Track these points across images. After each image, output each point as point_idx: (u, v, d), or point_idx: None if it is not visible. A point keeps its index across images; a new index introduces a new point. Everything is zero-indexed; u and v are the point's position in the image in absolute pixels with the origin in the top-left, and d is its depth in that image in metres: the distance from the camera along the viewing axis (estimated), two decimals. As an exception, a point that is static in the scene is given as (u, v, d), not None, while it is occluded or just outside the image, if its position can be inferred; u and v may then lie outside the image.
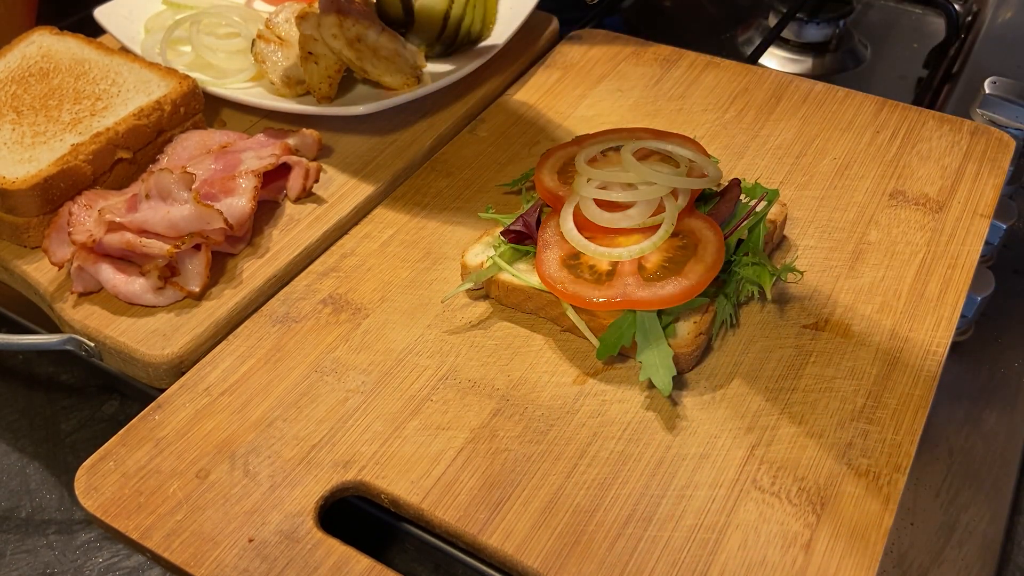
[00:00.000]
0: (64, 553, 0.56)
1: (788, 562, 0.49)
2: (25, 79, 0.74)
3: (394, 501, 0.53)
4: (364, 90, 0.79)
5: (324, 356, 0.61)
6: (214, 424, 0.57)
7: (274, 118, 0.79)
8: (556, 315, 0.62)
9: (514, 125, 0.80)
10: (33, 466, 0.61)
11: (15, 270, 0.67)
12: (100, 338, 0.61)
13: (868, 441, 0.55)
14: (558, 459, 0.54)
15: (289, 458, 0.55)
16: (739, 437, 0.55)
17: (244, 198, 0.65)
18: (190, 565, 0.49)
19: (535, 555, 0.50)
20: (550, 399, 0.58)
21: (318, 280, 0.66)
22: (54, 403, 0.65)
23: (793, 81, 0.83)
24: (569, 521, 0.51)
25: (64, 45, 0.77)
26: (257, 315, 0.64)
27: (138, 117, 0.71)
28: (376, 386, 0.59)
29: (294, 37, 0.79)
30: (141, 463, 0.54)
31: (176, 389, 0.59)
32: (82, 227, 0.64)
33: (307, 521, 0.51)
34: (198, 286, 0.63)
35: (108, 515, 0.52)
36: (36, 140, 0.68)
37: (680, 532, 0.51)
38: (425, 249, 0.68)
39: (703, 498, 0.52)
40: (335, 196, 0.72)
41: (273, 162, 0.69)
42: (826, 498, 0.52)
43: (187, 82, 0.74)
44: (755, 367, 0.59)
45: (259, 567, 0.49)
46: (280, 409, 0.57)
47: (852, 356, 0.60)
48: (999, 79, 0.83)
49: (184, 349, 0.60)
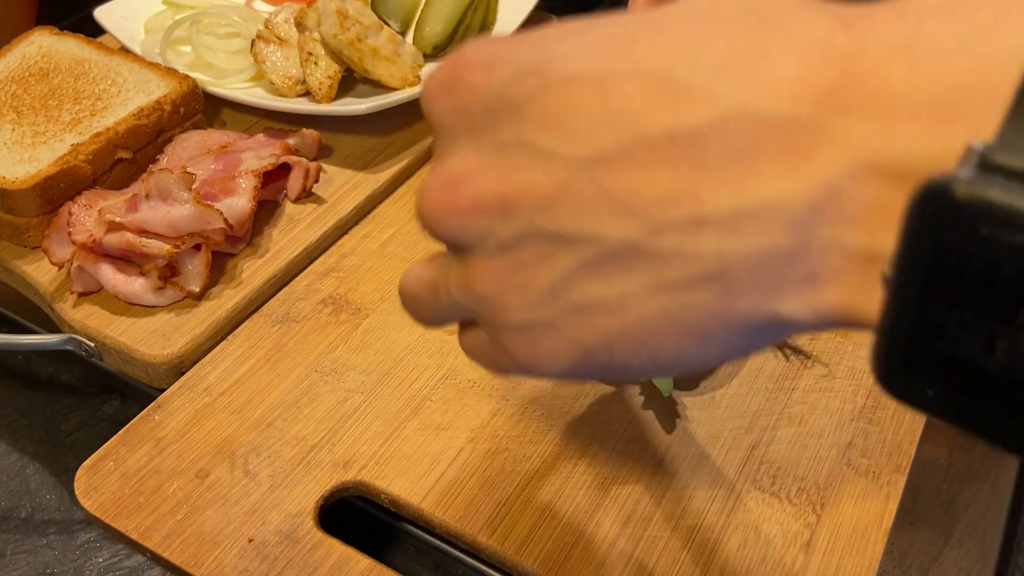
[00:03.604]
0: (64, 553, 0.56)
1: (788, 562, 0.49)
2: (25, 79, 0.74)
3: (394, 501, 0.53)
4: (364, 90, 0.79)
5: (324, 356, 0.61)
6: (214, 424, 0.57)
7: (274, 118, 0.79)
8: (556, 315, 0.62)
9: (514, 125, 0.80)
10: (33, 466, 0.61)
11: (15, 270, 0.67)
12: (100, 338, 0.61)
13: (868, 441, 0.55)
14: (558, 459, 0.54)
15: (289, 458, 0.55)
16: (739, 437, 0.55)
17: (244, 198, 0.65)
18: (190, 565, 0.49)
19: (535, 555, 0.50)
20: (550, 399, 0.58)
21: (318, 280, 0.66)
22: (54, 403, 0.65)
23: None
24: (569, 521, 0.51)
25: (64, 45, 0.77)
26: (257, 315, 0.64)
27: (138, 117, 0.71)
28: (376, 386, 0.59)
29: (294, 37, 0.79)
30: (141, 463, 0.54)
31: (176, 389, 0.59)
32: (82, 227, 0.64)
33: (307, 521, 0.51)
34: (198, 286, 0.63)
35: (108, 515, 0.52)
36: (36, 140, 0.68)
37: (680, 532, 0.51)
38: (425, 249, 0.68)
39: (703, 498, 0.52)
40: (335, 196, 0.72)
41: (273, 162, 0.69)
42: (826, 498, 0.52)
43: (187, 82, 0.74)
44: (755, 367, 0.59)
45: (259, 567, 0.49)
46: (280, 409, 0.57)
47: (852, 356, 0.60)
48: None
49: (184, 349, 0.60)
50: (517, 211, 0.30)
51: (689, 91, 0.26)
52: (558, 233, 0.29)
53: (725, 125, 0.26)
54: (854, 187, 0.25)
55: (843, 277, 0.26)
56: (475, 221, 0.31)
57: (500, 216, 0.30)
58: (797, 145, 0.25)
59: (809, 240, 0.26)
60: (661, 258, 0.28)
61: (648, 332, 0.30)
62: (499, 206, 0.30)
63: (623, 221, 0.28)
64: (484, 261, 0.32)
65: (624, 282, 0.29)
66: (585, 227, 0.29)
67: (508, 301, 0.32)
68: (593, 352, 0.31)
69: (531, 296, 0.31)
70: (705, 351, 0.30)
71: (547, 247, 0.30)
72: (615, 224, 0.28)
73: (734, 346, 0.30)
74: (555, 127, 0.29)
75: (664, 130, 0.27)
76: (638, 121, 0.27)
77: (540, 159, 0.29)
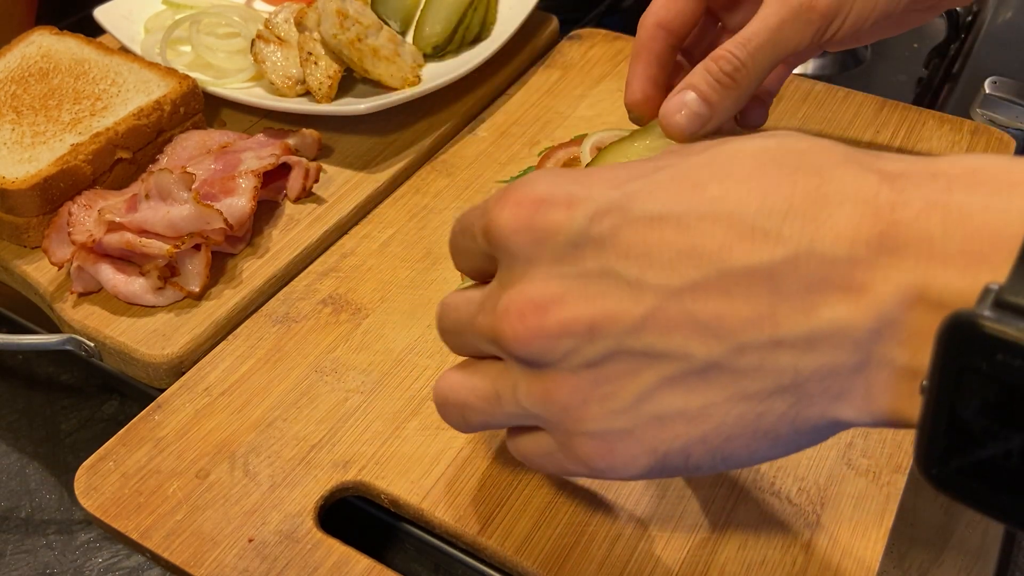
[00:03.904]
0: (64, 553, 0.56)
1: (788, 562, 0.49)
2: (25, 79, 0.74)
3: (394, 501, 0.53)
4: (364, 90, 0.79)
5: (324, 356, 0.61)
6: (214, 424, 0.57)
7: (274, 118, 0.79)
8: (556, 315, 0.62)
9: (514, 125, 0.80)
10: (33, 466, 0.61)
11: (15, 270, 0.67)
12: (100, 338, 0.61)
13: (868, 441, 0.55)
14: (558, 459, 0.54)
15: (289, 458, 0.55)
16: (739, 437, 0.55)
17: (244, 198, 0.65)
18: (190, 565, 0.49)
19: (535, 555, 0.50)
20: (550, 399, 0.57)
21: (318, 280, 0.66)
22: (54, 403, 0.65)
23: (793, 81, 0.83)
24: (569, 521, 0.51)
25: (64, 45, 0.77)
26: (257, 315, 0.64)
27: (138, 117, 0.71)
28: (376, 386, 0.59)
29: (294, 37, 0.79)
30: (141, 463, 0.54)
31: (176, 389, 0.59)
32: (82, 227, 0.64)
33: (307, 521, 0.51)
34: (198, 286, 0.63)
35: (108, 515, 0.52)
36: (36, 140, 0.68)
37: (680, 532, 0.51)
38: (425, 249, 0.68)
39: (703, 498, 0.52)
40: (335, 196, 0.72)
41: (273, 162, 0.69)
42: (826, 498, 0.52)
43: (187, 82, 0.74)
44: (755, 367, 0.59)
45: (259, 567, 0.49)
46: (280, 409, 0.57)
47: (852, 356, 0.60)
48: (999, 79, 0.83)
49: (184, 349, 0.60)
50: (606, 333, 0.34)
51: (764, 233, 0.32)
52: (645, 352, 0.34)
53: (796, 262, 0.31)
54: (902, 315, 0.30)
55: (893, 388, 0.32)
56: (560, 343, 0.35)
57: (588, 337, 0.34)
58: (857, 279, 0.31)
59: (869, 358, 0.31)
60: (742, 373, 0.33)
61: (725, 438, 0.34)
62: (588, 329, 0.34)
63: (709, 342, 0.33)
64: (565, 375, 0.35)
65: (706, 394, 0.34)
66: (672, 346, 0.33)
67: (589, 411, 0.36)
68: (670, 456, 0.36)
69: (614, 406, 0.35)
70: (774, 450, 0.35)
71: (633, 364, 0.34)
72: (701, 344, 0.33)
73: (798, 444, 0.35)
74: (641, 259, 0.33)
75: (744, 266, 0.32)
76: (719, 257, 0.32)
77: (627, 287, 0.34)
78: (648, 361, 0.34)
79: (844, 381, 0.32)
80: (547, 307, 0.35)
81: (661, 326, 0.33)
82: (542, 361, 0.36)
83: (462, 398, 0.42)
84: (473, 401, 0.41)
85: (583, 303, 0.34)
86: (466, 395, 0.42)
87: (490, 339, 0.38)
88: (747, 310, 0.32)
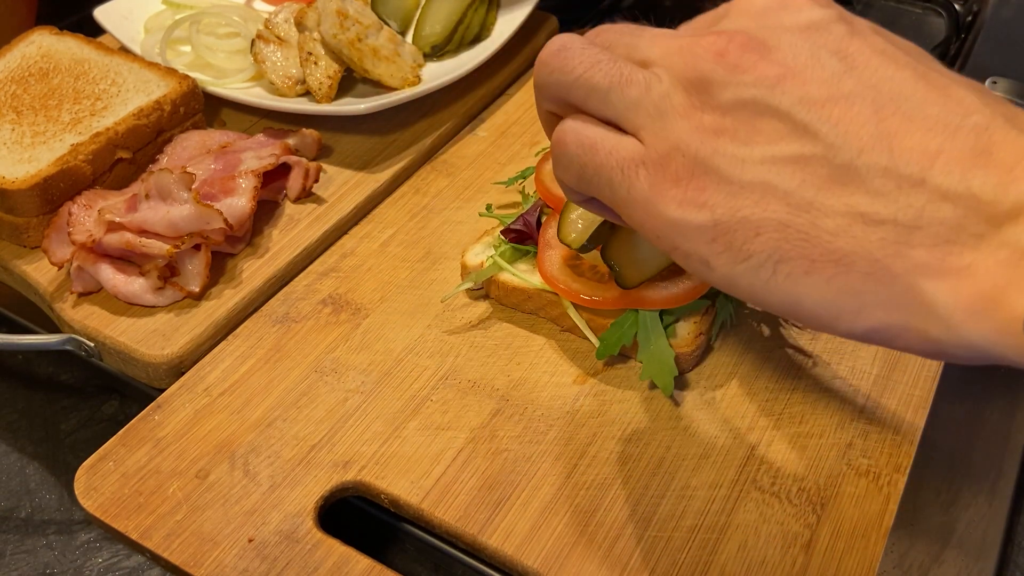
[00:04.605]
0: (64, 553, 0.56)
1: (788, 562, 0.49)
2: (25, 79, 0.74)
3: (394, 501, 0.53)
4: (364, 90, 0.79)
5: (324, 356, 0.61)
6: (214, 424, 0.57)
7: (274, 118, 0.79)
8: (556, 315, 0.62)
9: (514, 125, 0.80)
10: (33, 466, 0.61)
11: (15, 270, 0.67)
12: (100, 338, 0.61)
13: (868, 441, 0.55)
14: (558, 459, 0.54)
15: (289, 458, 0.55)
16: (739, 437, 0.55)
17: (244, 198, 0.65)
18: (190, 565, 0.49)
19: (535, 555, 0.50)
20: (550, 399, 0.58)
21: (318, 280, 0.66)
22: (54, 403, 0.65)
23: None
24: (569, 521, 0.51)
25: (64, 45, 0.77)
26: (257, 315, 0.64)
27: (138, 117, 0.71)
28: (376, 386, 0.59)
29: (294, 37, 0.79)
30: (141, 463, 0.54)
31: (176, 389, 0.59)
32: (82, 227, 0.64)
33: (307, 521, 0.51)
34: (198, 286, 0.63)
35: (108, 515, 0.52)
36: (36, 140, 0.68)
37: (680, 532, 0.51)
38: (425, 249, 0.68)
39: (703, 498, 0.52)
40: (335, 196, 0.72)
41: (273, 162, 0.69)
42: (826, 498, 0.52)
43: (187, 82, 0.74)
44: (755, 367, 0.59)
45: (259, 567, 0.49)
46: (280, 409, 0.57)
47: (852, 356, 0.60)
48: (999, 79, 0.83)
49: (184, 349, 0.60)
50: (787, 92, 0.35)
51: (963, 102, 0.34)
52: (805, 126, 0.35)
53: (981, 131, 0.33)
54: None
55: (1006, 270, 0.32)
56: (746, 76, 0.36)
57: (769, 87, 0.35)
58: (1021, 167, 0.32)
59: (994, 233, 0.32)
60: (870, 191, 0.33)
61: (799, 240, 0.34)
62: (777, 80, 0.36)
63: (865, 147, 0.34)
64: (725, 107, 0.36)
65: (823, 191, 0.34)
66: (831, 135, 0.34)
67: (716, 143, 0.36)
68: (741, 225, 0.35)
69: (739, 153, 0.36)
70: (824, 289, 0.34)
71: (784, 130, 0.35)
72: (856, 143, 0.34)
73: (846, 303, 0.34)
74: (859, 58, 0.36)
75: (939, 113, 0.34)
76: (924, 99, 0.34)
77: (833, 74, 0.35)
78: (799, 134, 0.35)
79: (957, 248, 0.32)
80: (763, 50, 0.36)
81: (836, 115, 0.34)
82: (718, 84, 0.36)
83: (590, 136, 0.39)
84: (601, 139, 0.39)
85: (790, 61, 0.36)
86: (592, 132, 0.39)
87: (685, 49, 0.38)
88: (915, 141, 0.33)
